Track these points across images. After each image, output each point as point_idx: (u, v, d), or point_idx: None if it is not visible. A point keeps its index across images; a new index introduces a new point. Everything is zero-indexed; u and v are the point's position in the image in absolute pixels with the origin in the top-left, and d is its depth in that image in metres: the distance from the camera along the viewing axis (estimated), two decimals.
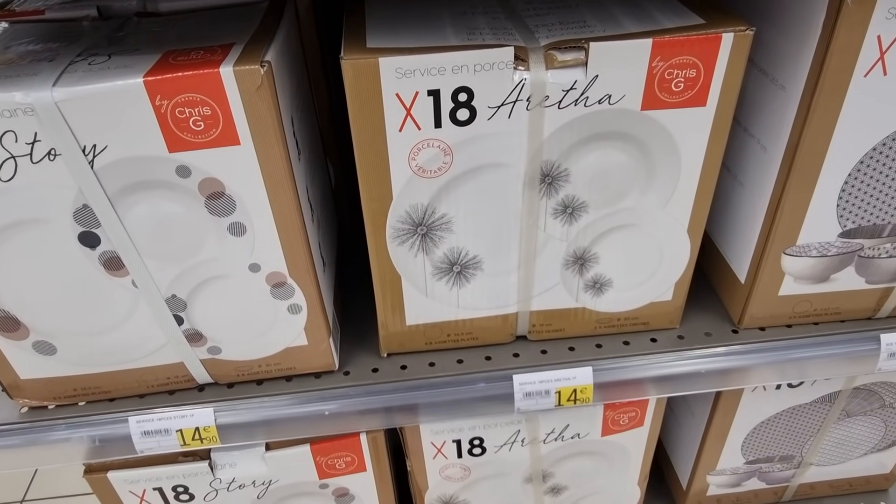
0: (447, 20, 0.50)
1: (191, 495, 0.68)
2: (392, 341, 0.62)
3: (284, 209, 0.49)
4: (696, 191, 0.54)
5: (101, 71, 0.44)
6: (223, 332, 0.56)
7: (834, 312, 0.63)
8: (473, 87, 0.46)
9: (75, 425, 0.59)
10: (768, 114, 0.54)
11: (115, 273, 0.51)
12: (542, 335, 0.63)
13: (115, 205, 0.47)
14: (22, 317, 0.53)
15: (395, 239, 0.54)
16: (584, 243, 0.56)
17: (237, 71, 0.43)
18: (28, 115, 0.43)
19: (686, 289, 0.61)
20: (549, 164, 0.51)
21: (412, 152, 0.49)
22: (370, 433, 0.66)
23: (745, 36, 0.46)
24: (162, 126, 0.44)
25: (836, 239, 0.56)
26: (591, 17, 0.50)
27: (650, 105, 0.48)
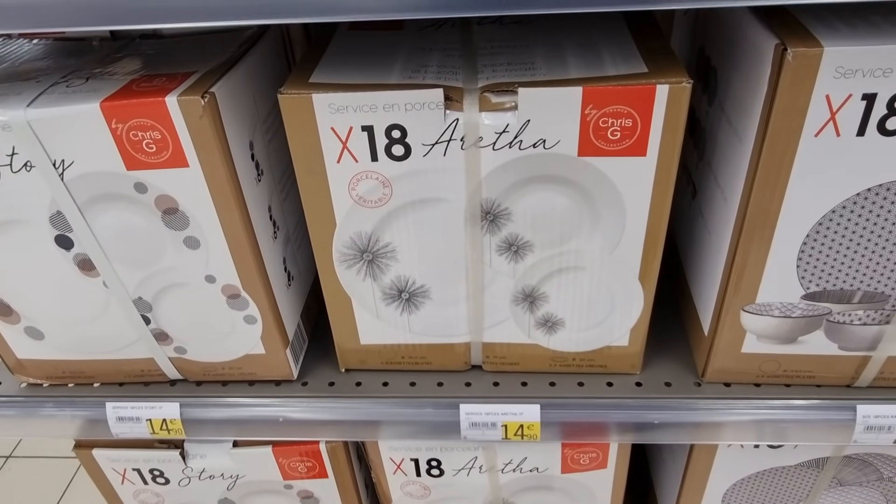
0: (402, 56, 0.52)
1: (166, 479, 0.73)
2: (349, 358, 0.64)
3: (234, 227, 0.53)
4: (645, 239, 0.52)
5: (74, 94, 0.49)
6: (186, 335, 0.61)
7: (807, 375, 0.59)
8: (406, 124, 0.47)
9: (62, 404, 0.65)
10: (730, 164, 0.52)
11: (88, 273, 0.56)
12: (496, 367, 0.63)
13: (84, 213, 0.52)
14: (13, 304, 0.59)
15: (342, 263, 0.56)
16: (532, 282, 0.56)
17: (181, 101, 0.46)
18: (6, 131, 0.48)
19: (643, 336, 0.59)
20: (489, 202, 0.51)
21: (351, 183, 0.51)
22: (329, 443, 0.68)
23: (682, 88, 0.44)
24: (119, 146, 0.48)
25: (800, 301, 0.53)
26: (541, 58, 0.50)
27: (587, 152, 0.48)
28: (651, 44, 0.50)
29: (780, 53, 0.42)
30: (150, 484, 0.74)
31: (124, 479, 0.73)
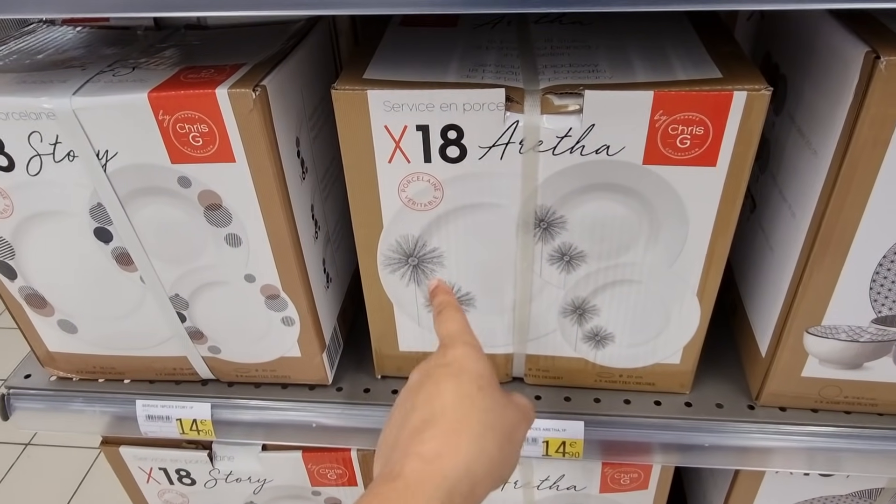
0: (458, 54, 0.50)
1: (192, 480, 0.71)
2: (386, 364, 0.62)
3: (277, 226, 0.51)
4: (707, 254, 0.50)
5: (120, 83, 0.47)
6: (222, 334, 0.59)
7: (869, 403, 0.56)
8: (463, 125, 0.45)
9: (91, 400, 0.64)
10: (801, 178, 0.49)
11: (125, 268, 0.55)
12: (538, 380, 0.61)
13: (126, 206, 0.51)
14: (48, 296, 0.58)
15: (386, 267, 0.54)
16: (583, 293, 0.54)
17: (231, 93, 0.44)
18: (50, 119, 0.47)
19: (696, 354, 0.56)
20: (543, 209, 0.49)
21: (402, 184, 0.49)
22: (361, 451, 0.66)
23: (761, 96, 0.42)
24: (165, 139, 0.47)
25: (870, 324, 0.50)
26: (606, 61, 0.48)
27: (653, 160, 0.45)
28: (722, 48, 0.48)
29: (872, 61, 0.39)
30: (176, 484, 0.72)
31: (150, 478, 0.72)
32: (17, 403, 0.65)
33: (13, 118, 0.47)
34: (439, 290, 0.52)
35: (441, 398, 0.40)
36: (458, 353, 0.43)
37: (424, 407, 0.40)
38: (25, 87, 0.47)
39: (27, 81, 0.49)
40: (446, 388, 0.41)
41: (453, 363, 0.42)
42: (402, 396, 0.43)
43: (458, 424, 0.38)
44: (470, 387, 0.40)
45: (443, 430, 0.38)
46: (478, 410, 0.39)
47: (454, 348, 0.44)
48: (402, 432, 0.40)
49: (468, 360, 0.42)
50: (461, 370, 0.42)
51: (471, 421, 0.39)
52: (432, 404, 0.40)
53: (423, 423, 0.39)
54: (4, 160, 0.49)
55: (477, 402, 0.40)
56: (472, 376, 0.41)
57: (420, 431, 0.39)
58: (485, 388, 0.41)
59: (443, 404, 0.40)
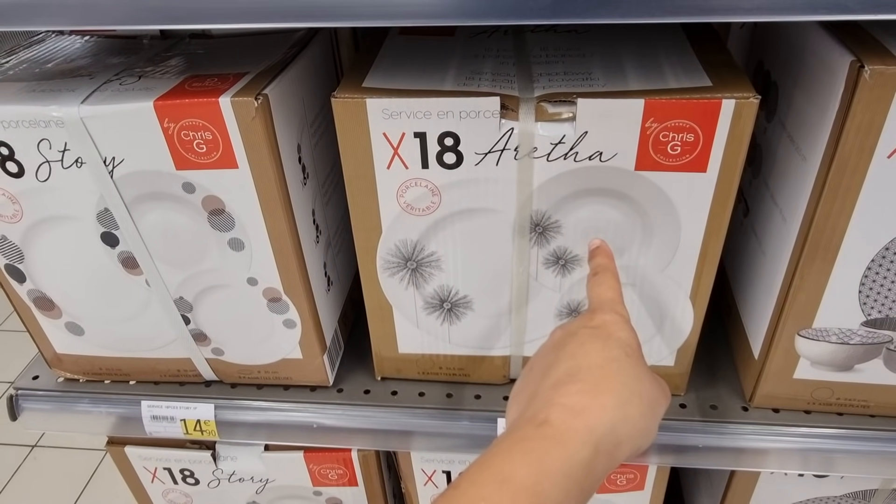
0: (455, 62, 0.51)
1: (196, 480, 0.72)
2: (386, 366, 0.63)
3: (279, 230, 0.52)
4: (699, 257, 0.51)
5: (127, 92, 0.49)
6: (225, 336, 0.60)
7: (861, 405, 0.57)
8: (459, 132, 0.46)
9: (97, 401, 0.65)
10: (791, 184, 0.50)
11: (131, 271, 0.56)
12: None
13: (132, 211, 0.52)
14: (56, 299, 0.59)
15: (385, 270, 0.55)
16: (578, 297, 0.55)
17: (234, 101, 0.46)
18: (59, 127, 0.48)
19: (690, 357, 0.57)
20: (539, 214, 0.50)
21: (400, 190, 0.50)
22: (361, 451, 0.68)
23: (749, 103, 0.43)
24: (170, 146, 0.48)
25: (860, 327, 0.51)
26: (599, 69, 0.49)
27: (645, 166, 0.46)
28: (713, 57, 0.49)
29: (857, 70, 0.40)
30: (180, 484, 0.73)
31: (154, 478, 0.73)
32: (24, 404, 0.66)
33: (23, 126, 0.48)
34: (600, 252, 0.49)
35: (587, 357, 0.39)
36: (607, 318, 0.42)
37: (569, 361, 0.39)
38: (35, 96, 0.49)
39: (36, 90, 0.50)
40: (592, 348, 0.40)
41: (602, 327, 0.41)
42: (542, 351, 0.43)
43: (605, 384, 0.37)
44: (617, 352, 0.39)
45: (589, 386, 0.37)
46: (624, 375, 0.38)
47: (603, 313, 0.42)
48: (543, 382, 0.39)
49: (616, 326, 0.41)
50: (609, 335, 0.41)
51: (616, 383, 0.38)
52: (577, 360, 0.39)
53: (567, 377, 0.38)
54: (14, 167, 0.50)
55: (624, 367, 0.39)
56: (619, 342, 0.40)
57: (564, 384, 0.38)
58: (632, 356, 0.40)
59: (589, 363, 0.39)
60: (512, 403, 0.42)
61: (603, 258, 0.48)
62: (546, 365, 0.40)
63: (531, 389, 0.40)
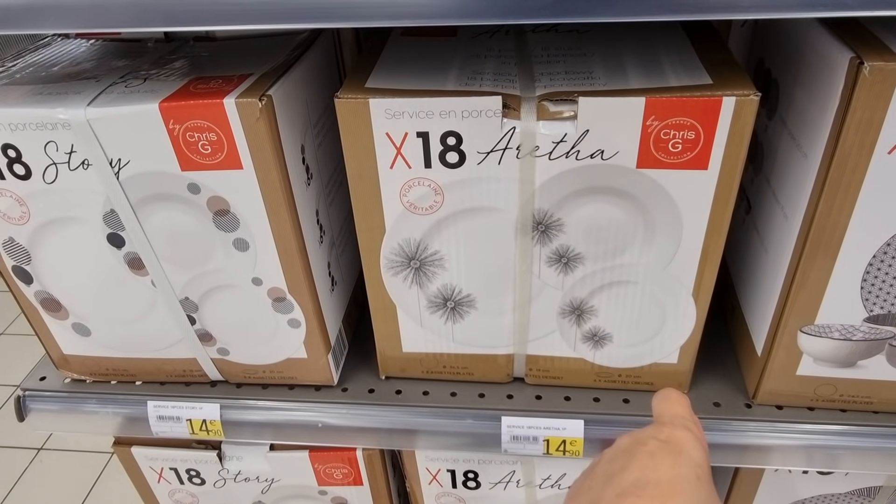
0: (457, 63, 0.51)
1: (202, 480, 0.73)
2: (390, 365, 0.63)
3: (283, 230, 0.52)
4: (701, 255, 0.51)
5: (132, 94, 0.49)
6: (230, 336, 0.61)
7: (864, 401, 0.57)
8: (462, 132, 0.47)
9: (104, 401, 0.66)
10: (792, 181, 0.51)
11: (137, 272, 0.56)
12: (538, 380, 0.62)
13: (137, 212, 0.52)
14: (62, 300, 0.60)
15: (388, 269, 0.55)
16: (581, 294, 0.55)
17: (238, 103, 0.46)
18: (66, 129, 0.48)
19: (693, 354, 0.58)
20: (541, 213, 0.50)
21: (403, 189, 0.50)
22: (366, 450, 0.68)
23: (749, 101, 0.43)
24: (175, 147, 0.49)
25: (862, 323, 0.51)
26: (600, 68, 0.49)
27: (646, 163, 0.47)
28: (714, 55, 0.49)
29: (856, 67, 0.41)
30: (186, 484, 0.74)
31: (161, 478, 0.74)
32: (32, 405, 0.67)
33: (30, 128, 0.49)
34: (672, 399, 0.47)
35: (657, 471, 0.38)
36: (678, 434, 0.41)
37: (636, 472, 0.38)
38: (42, 99, 0.49)
39: (43, 93, 0.51)
40: (662, 462, 0.38)
41: (672, 442, 0.40)
42: (607, 455, 0.42)
43: (672, 502, 0.36)
44: (688, 471, 0.38)
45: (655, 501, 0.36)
46: (693, 498, 0.36)
47: (675, 428, 0.41)
48: (606, 490, 0.38)
49: (689, 444, 0.40)
50: (681, 451, 0.39)
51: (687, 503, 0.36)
52: (645, 473, 0.38)
53: (633, 489, 0.37)
54: (22, 169, 0.51)
55: (694, 488, 0.37)
56: (690, 462, 0.39)
57: (629, 495, 0.37)
58: (702, 478, 0.38)
59: (658, 478, 0.37)
60: (570, 499, 0.41)
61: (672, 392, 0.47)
62: (611, 472, 0.39)
63: (593, 495, 0.39)
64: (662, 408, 0.44)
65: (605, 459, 0.42)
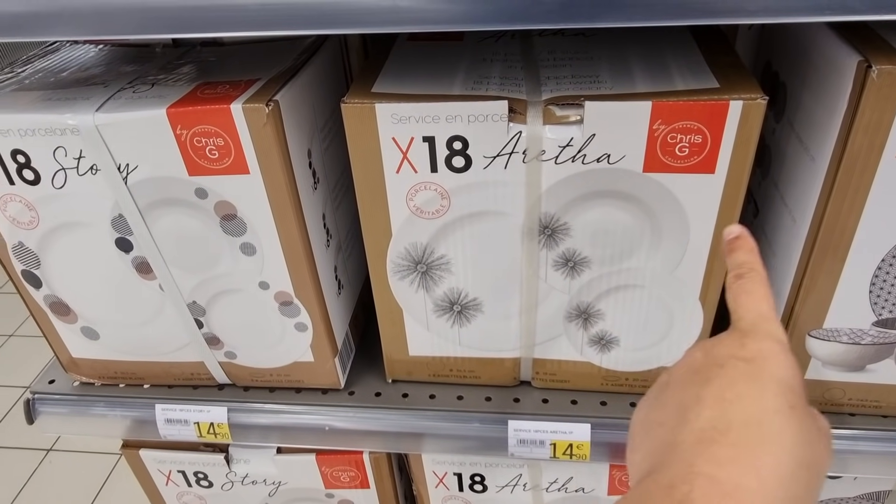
0: (463, 67, 0.52)
1: (210, 482, 0.73)
2: (397, 369, 0.63)
3: (290, 235, 0.53)
4: (709, 258, 0.51)
5: (140, 99, 0.50)
6: (237, 340, 0.61)
7: (873, 405, 0.56)
8: (468, 136, 0.47)
9: (113, 404, 0.66)
10: (800, 184, 0.50)
11: (145, 276, 0.57)
12: (545, 383, 0.62)
13: (145, 217, 0.53)
14: (71, 304, 0.60)
15: (395, 273, 0.55)
16: (588, 298, 0.55)
17: (245, 108, 0.46)
18: (75, 135, 0.49)
19: None
20: (548, 217, 0.50)
21: (409, 193, 0.50)
22: (373, 453, 0.68)
23: (757, 105, 0.43)
24: (182, 152, 0.49)
25: (871, 327, 0.51)
26: (607, 72, 0.49)
27: (653, 167, 0.47)
28: (721, 58, 0.49)
29: (864, 70, 0.40)
30: (194, 486, 0.74)
31: (169, 481, 0.74)
32: (41, 408, 0.67)
33: (39, 134, 0.49)
34: (741, 245, 0.38)
35: (741, 405, 0.31)
36: (763, 347, 0.33)
37: (715, 408, 0.31)
38: (51, 105, 0.50)
39: (52, 99, 0.51)
40: (747, 393, 0.31)
41: (756, 360, 0.32)
42: (678, 376, 0.35)
43: (766, 451, 0.29)
44: (778, 401, 0.31)
45: (745, 453, 0.29)
46: (789, 439, 0.30)
47: (758, 339, 0.33)
48: (683, 430, 0.31)
49: (776, 362, 0.32)
50: (767, 375, 0.32)
51: (780, 451, 0.29)
52: (726, 409, 0.31)
53: (715, 432, 0.30)
54: (31, 174, 0.51)
55: (789, 425, 0.30)
56: (780, 387, 0.31)
57: (711, 442, 0.30)
58: (797, 407, 0.31)
59: (744, 416, 0.31)
60: (637, 437, 0.35)
61: (747, 254, 0.37)
62: (684, 403, 0.33)
63: (663, 434, 0.32)
64: (743, 306, 0.35)
65: (675, 382, 0.34)
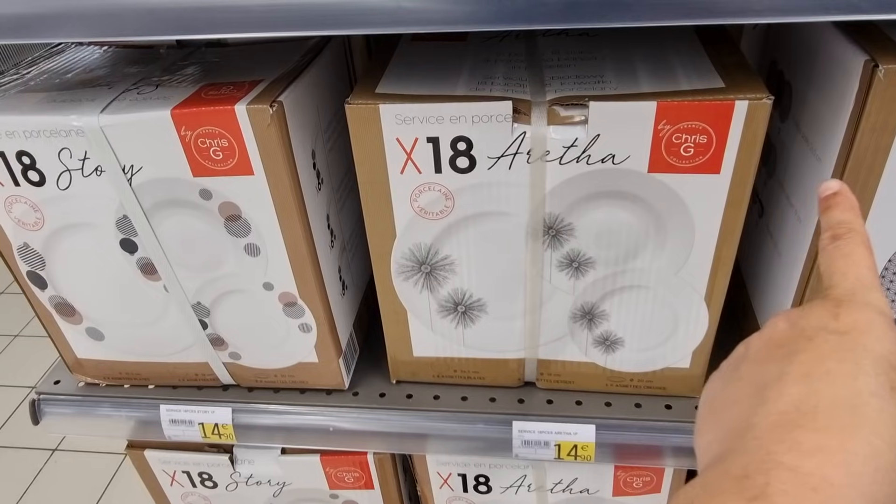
0: (467, 67, 0.51)
1: (214, 483, 0.73)
2: (401, 369, 0.63)
3: (294, 235, 0.53)
4: (714, 259, 0.51)
5: (144, 101, 0.50)
6: (241, 341, 0.61)
7: None
8: (472, 137, 0.47)
9: (118, 405, 0.66)
10: (806, 184, 0.50)
11: (150, 277, 0.57)
12: (550, 384, 0.62)
13: (150, 218, 0.53)
14: (76, 305, 0.60)
15: (399, 274, 0.55)
16: (592, 299, 0.55)
17: (249, 109, 0.46)
18: (79, 136, 0.49)
19: (706, 358, 0.57)
20: (552, 217, 0.50)
21: (413, 194, 0.50)
22: (377, 454, 0.68)
23: (762, 105, 0.43)
24: (187, 153, 0.49)
25: None
26: (611, 72, 0.49)
27: (658, 168, 0.46)
28: (726, 58, 0.49)
29: (871, 70, 0.40)
30: (199, 487, 0.74)
31: (173, 481, 0.74)
32: (46, 409, 0.68)
33: (44, 135, 0.49)
34: (841, 201, 0.33)
35: (832, 384, 0.26)
36: (860, 318, 0.28)
37: (801, 385, 0.27)
38: (56, 106, 0.50)
39: (57, 100, 0.51)
40: (839, 370, 0.27)
41: (852, 333, 0.28)
42: (757, 347, 0.30)
43: (860, 440, 0.25)
44: (877, 381, 0.26)
45: (834, 440, 0.25)
46: (888, 426, 0.25)
47: (855, 309, 0.29)
48: (760, 411, 0.27)
49: (875, 335, 0.27)
50: (865, 350, 0.27)
51: (877, 440, 0.25)
52: (814, 387, 0.26)
53: (798, 415, 0.26)
54: (36, 175, 0.51)
55: (889, 410, 0.25)
56: (880, 365, 0.27)
57: (793, 427, 0.25)
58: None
59: (834, 397, 0.26)
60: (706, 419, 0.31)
61: (846, 212, 0.33)
62: (763, 379, 0.28)
63: (737, 416, 0.28)
64: (842, 267, 0.31)
65: (753, 355, 0.30)
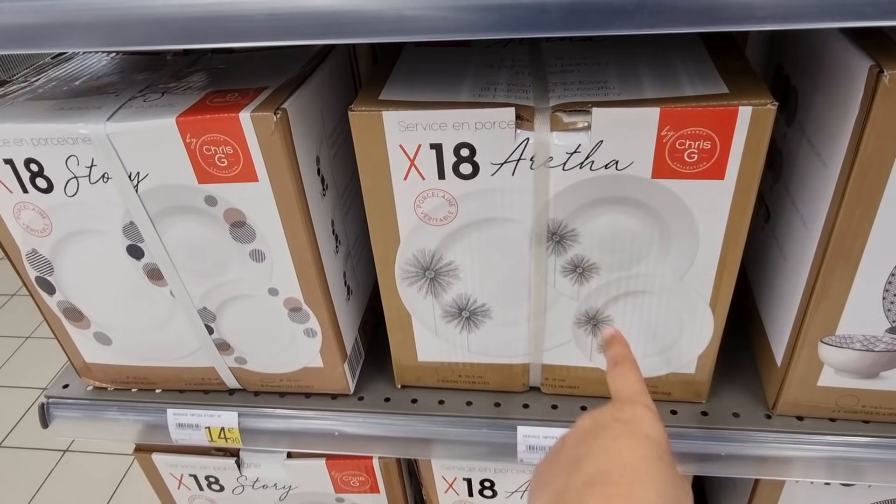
0: (471, 73, 0.52)
1: (221, 486, 0.74)
2: (406, 374, 0.63)
3: (299, 241, 0.53)
4: (718, 265, 0.50)
5: (150, 108, 0.50)
6: (247, 345, 0.61)
7: (887, 413, 0.56)
8: (475, 143, 0.47)
9: (125, 409, 0.67)
10: (811, 189, 0.50)
11: (156, 282, 0.57)
12: (554, 389, 0.62)
13: (156, 224, 0.53)
14: (84, 310, 0.61)
15: (403, 280, 0.55)
16: (597, 304, 0.55)
17: (254, 117, 0.47)
18: (86, 144, 0.49)
19: (711, 364, 0.57)
20: (556, 223, 0.50)
21: (417, 200, 0.50)
22: (383, 458, 0.68)
23: (766, 110, 0.43)
24: (192, 160, 0.49)
25: (884, 334, 0.50)
26: (615, 77, 0.49)
27: (662, 174, 0.46)
28: (730, 63, 0.48)
29: (876, 75, 0.40)
30: (206, 490, 0.75)
31: (181, 485, 0.75)
32: (55, 412, 0.68)
33: (52, 143, 0.49)
34: (616, 342, 0.49)
35: (620, 455, 0.38)
36: (637, 412, 0.41)
37: (601, 458, 0.39)
38: (63, 114, 0.50)
39: (65, 108, 0.52)
40: (625, 445, 0.39)
41: (632, 422, 0.41)
42: (570, 439, 0.42)
43: (640, 488, 0.36)
44: (650, 452, 0.39)
45: (623, 491, 0.36)
46: (659, 480, 0.37)
47: (633, 406, 0.42)
48: (573, 478, 0.38)
49: (648, 423, 0.41)
50: (641, 432, 0.40)
51: (651, 490, 0.36)
52: (610, 458, 0.38)
53: (600, 475, 0.37)
54: (44, 182, 0.52)
55: (658, 470, 0.38)
56: (651, 441, 0.39)
57: (597, 483, 0.37)
58: (664, 458, 0.39)
59: (622, 462, 0.38)
60: (537, 489, 0.41)
61: (620, 347, 0.48)
62: (576, 457, 0.40)
63: (560, 482, 0.39)
64: (620, 385, 0.45)
65: (568, 444, 0.42)
